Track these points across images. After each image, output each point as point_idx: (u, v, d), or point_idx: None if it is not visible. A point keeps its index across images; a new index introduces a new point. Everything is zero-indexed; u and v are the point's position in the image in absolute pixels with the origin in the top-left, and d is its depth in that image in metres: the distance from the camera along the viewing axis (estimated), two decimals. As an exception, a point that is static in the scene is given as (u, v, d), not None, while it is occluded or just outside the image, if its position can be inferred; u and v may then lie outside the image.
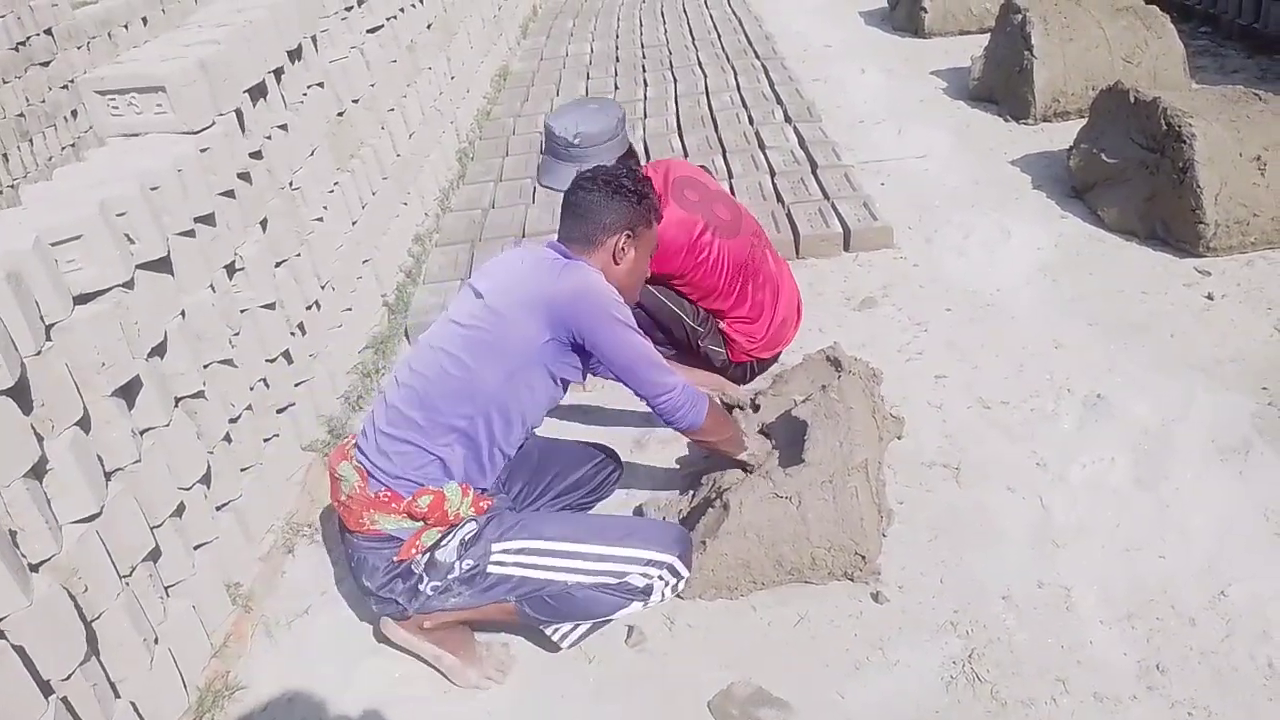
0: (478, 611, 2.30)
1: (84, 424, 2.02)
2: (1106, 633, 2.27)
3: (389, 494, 2.20)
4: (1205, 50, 6.21)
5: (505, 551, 2.23)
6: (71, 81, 6.37)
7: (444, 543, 2.22)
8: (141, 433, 2.22)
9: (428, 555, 2.23)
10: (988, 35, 5.98)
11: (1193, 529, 2.53)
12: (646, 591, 2.26)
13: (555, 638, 2.31)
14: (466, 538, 2.23)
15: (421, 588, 2.24)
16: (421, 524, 2.22)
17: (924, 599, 2.41)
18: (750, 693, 2.18)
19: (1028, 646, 2.26)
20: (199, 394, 2.46)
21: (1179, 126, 3.78)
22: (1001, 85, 5.61)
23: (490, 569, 2.23)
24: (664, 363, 2.34)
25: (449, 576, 2.23)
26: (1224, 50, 6.22)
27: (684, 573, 2.32)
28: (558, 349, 2.22)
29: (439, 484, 2.21)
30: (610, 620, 2.32)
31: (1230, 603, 2.31)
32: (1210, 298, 3.54)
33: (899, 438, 2.85)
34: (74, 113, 6.49)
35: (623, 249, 2.34)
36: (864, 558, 2.41)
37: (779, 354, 3.30)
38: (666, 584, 2.29)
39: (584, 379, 2.40)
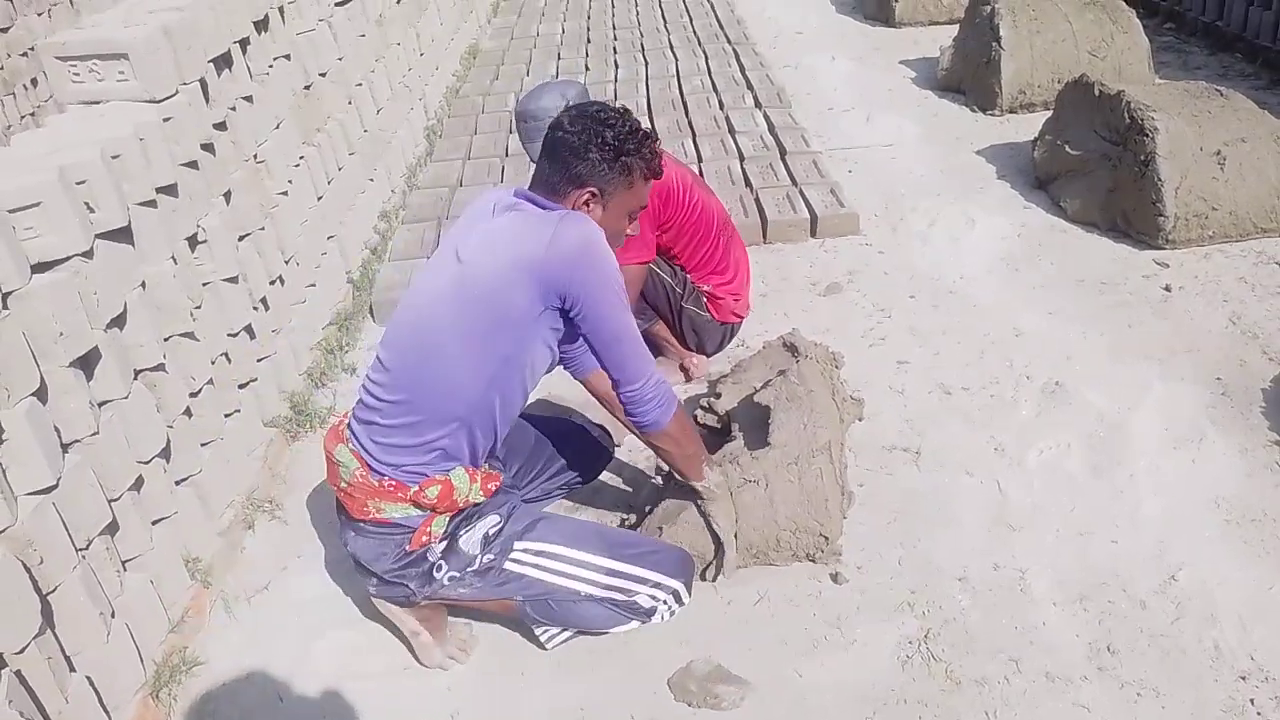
0: (479, 603, 2.26)
1: (41, 394, 1.99)
2: (1059, 614, 2.32)
3: (394, 484, 2.09)
4: (1169, 46, 6.30)
5: (526, 551, 2.18)
6: (31, 49, 6.23)
7: (465, 533, 2.15)
8: (100, 405, 2.19)
9: (444, 543, 2.15)
10: (957, 26, 6.02)
11: (1145, 515, 2.58)
12: (650, 613, 2.25)
13: (543, 638, 2.29)
14: (490, 532, 2.17)
15: (438, 575, 2.16)
16: (430, 512, 2.12)
17: (882, 579, 2.44)
18: (709, 670, 2.20)
19: (982, 627, 2.29)
20: (159, 367, 2.43)
21: (1142, 120, 3.83)
22: (969, 76, 5.65)
23: (508, 565, 2.17)
24: (648, 352, 2.19)
25: (467, 569, 2.16)
26: (1188, 46, 6.30)
27: (686, 600, 2.31)
28: (551, 318, 2.05)
29: (444, 472, 2.10)
30: (604, 633, 2.29)
31: (1180, 587, 2.36)
32: (1168, 289, 3.60)
33: (859, 419, 2.88)
34: (34, 81, 6.35)
35: (586, 205, 2.12)
36: (827, 539, 2.44)
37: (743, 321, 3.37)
38: (669, 608, 2.28)
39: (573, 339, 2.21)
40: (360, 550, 2.19)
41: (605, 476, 2.83)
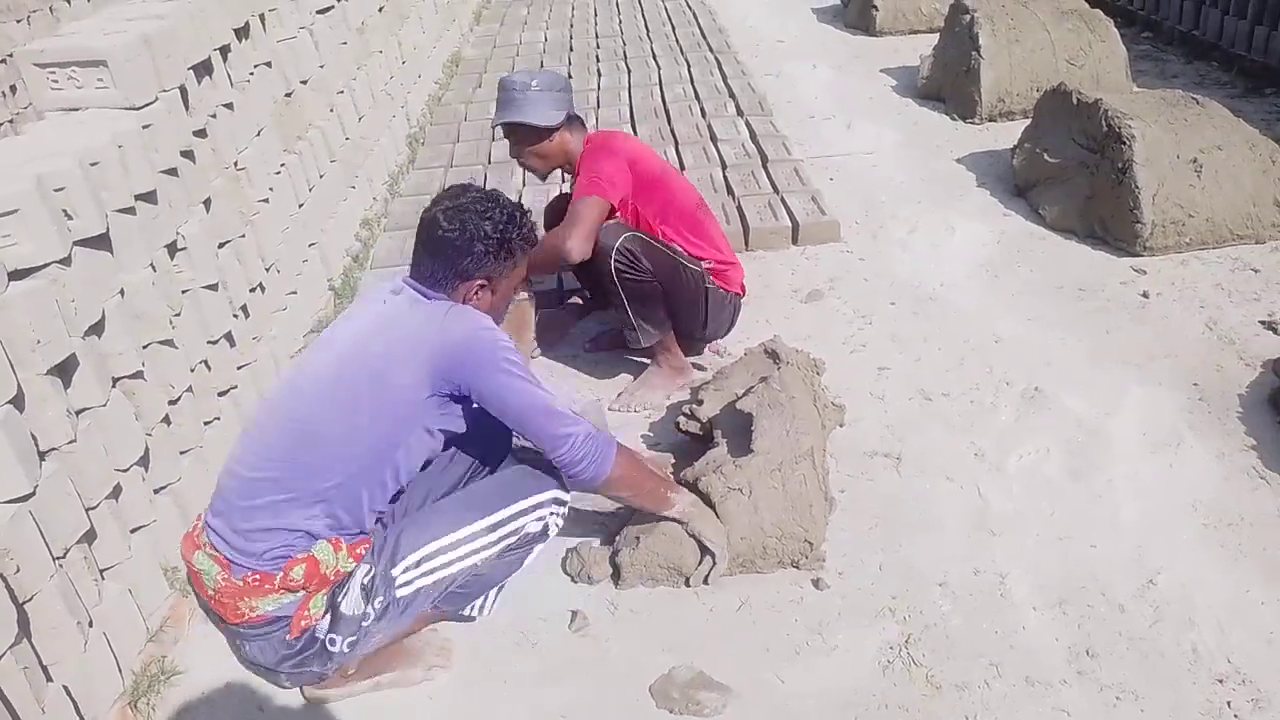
0: (398, 635, 2.23)
1: (18, 402, 1.97)
2: (1039, 619, 2.33)
3: (258, 576, 2.02)
4: (1146, 54, 6.36)
5: (406, 570, 2.11)
6: (10, 56, 6.20)
7: (343, 598, 2.09)
8: (77, 413, 2.17)
9: (328, 615, 2.09)
10: (937, 35, 6.06)
11: (1124, 519, 2.60)
12: (544, 533, 2.27)
13: (472, 613, 2.29)
14: (365, 581, 2.10)
15: (334, 649, 2.11)
16: (302, 593, 2.06)
17: (863, 585, 2.45)
18: (691, 677, 2.20)
19: (963, 632, 2.30)
20: (138, 374, 2.41)
21: (1119, 128, 3.87)
22: (949, 84, 5.69)
23: (400, 594, 2.11)
24: (561, 410, 2.16)
25: (363, 625, 2.11)
26: (1164, 55, 6.37)
27: (566, 497, 2.29)
28: (438, 404, 2.09)
29: (306, 550, 2.04)
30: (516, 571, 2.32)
31: (1158, 590, 2.38)
32: (1145, 295, 3.63)
33: (840, 425, 2.89)
34: (13, 88, 6.30)
35: (476, 295, 2.19)
36: (812, 544, 2.45)
37: None
38: (557, 517, 2.28)
39: (465, 428, 2.22)
40: (252, 655, 2.14)
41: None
